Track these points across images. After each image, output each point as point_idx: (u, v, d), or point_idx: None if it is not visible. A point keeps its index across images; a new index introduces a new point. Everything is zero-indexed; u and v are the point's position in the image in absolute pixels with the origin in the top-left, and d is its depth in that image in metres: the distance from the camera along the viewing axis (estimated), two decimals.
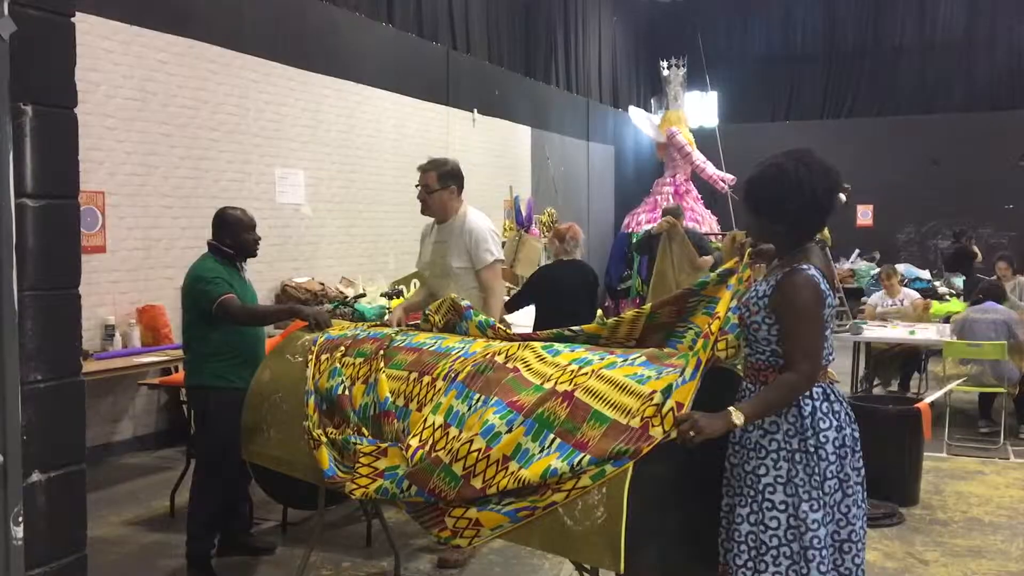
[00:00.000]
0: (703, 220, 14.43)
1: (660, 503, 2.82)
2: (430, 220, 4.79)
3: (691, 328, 3.18)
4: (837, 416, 2.75)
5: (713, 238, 13.54)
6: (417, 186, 4.69)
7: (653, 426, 2.70)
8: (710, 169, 14.91)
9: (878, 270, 12.22)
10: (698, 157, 14.80)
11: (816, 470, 2.69)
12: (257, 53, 7.44)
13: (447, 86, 10.13)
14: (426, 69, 9.84)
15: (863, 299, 10.98)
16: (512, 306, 5.69)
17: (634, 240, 11.54)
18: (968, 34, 16.23)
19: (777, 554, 2.67)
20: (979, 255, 13.26)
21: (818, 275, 2.72)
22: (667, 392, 2.77)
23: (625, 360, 2.99)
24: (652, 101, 16.93)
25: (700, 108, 16.73)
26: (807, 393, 2.74)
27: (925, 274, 14.55)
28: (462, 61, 10.56)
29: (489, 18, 11.32)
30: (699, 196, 15.06)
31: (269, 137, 7.58)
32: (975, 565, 4.39)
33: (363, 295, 7.61)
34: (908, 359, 8.28)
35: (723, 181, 14.87)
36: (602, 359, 3.04)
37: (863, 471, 2.79)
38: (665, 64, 15.40)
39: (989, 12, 16.00)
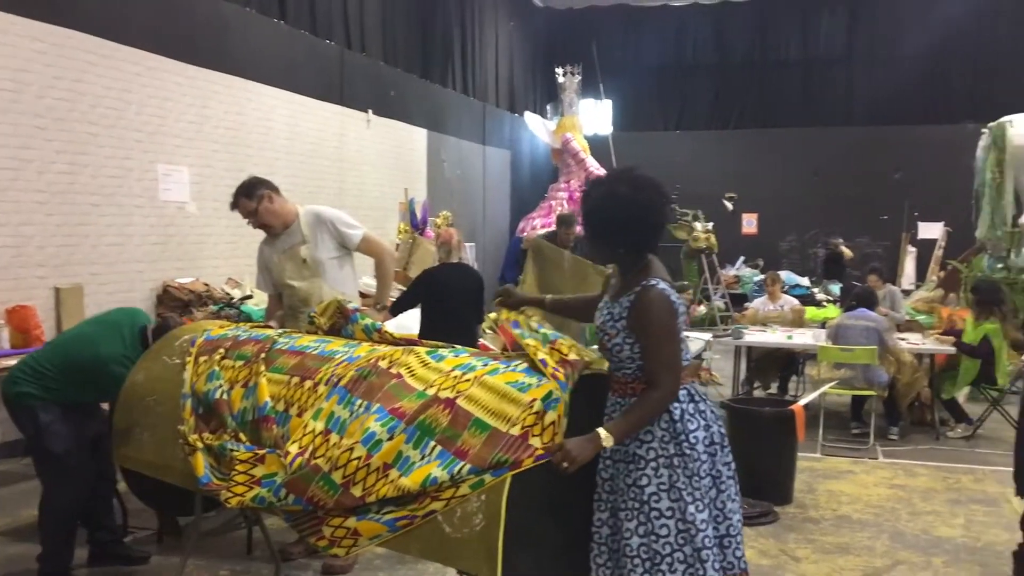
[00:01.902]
0: None
1: (538, 510, 2.84)
2: (262, 242, 4.79)
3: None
4: (703, 415, 2.82)
5: None
6: (248, 222, 4.66)
7: (533, 435, 2.73)
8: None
9: (762, 276, 12.69)
10: (592, 164, 15.03)
11: (693, 470, 2.74)
12: (140, 46, 7.18)
13: (341, 86, 10.00)
14: (319, 68, 9.69)
15: (746, 304, 11.37)
16: (397, 308, 5.65)
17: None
18: (849, 51, 17.00)
19: (672, 560, 2.69)
20: (848, 253, 13.85)
21: (667, 287, 2.77)
22: (547, 399, 2.80)
23: (508, 366, 3.00)
24: (548, 107, 17.12)
25: (595, 115, 17.00)
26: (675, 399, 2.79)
27: (805, 281, 15.17)
28: (357, 61, 10.45)
29: (385, 18, 11.24)
30: None
31: (152, 133, 7.33)
32: (843, 561, 4.58)
33: (250, 296, 7.45)
34: (787, 363, 8.60)
35: None
36: (485, 364, 3.05)
37: (733, 465, 2.86)
38: (561, 71, 15.60)
39: (868, 30, 16.79)
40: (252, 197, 4.58)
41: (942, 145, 14.67)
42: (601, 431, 2.65)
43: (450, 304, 5.77)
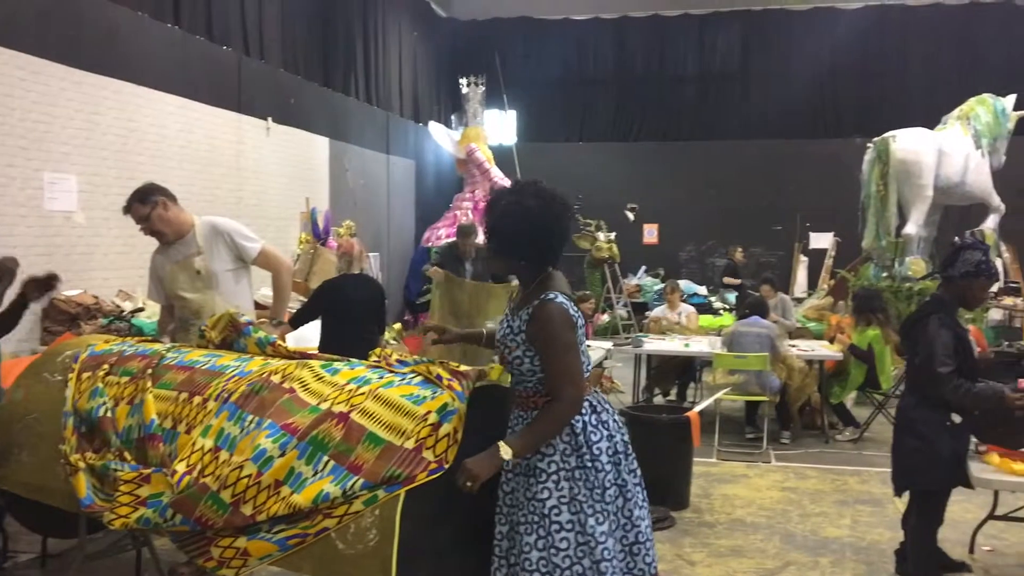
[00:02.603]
0: None
1: (433, 520, 2.83)
2: (155, 251, 4.68)
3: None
4: (606, 426, 2.84)
5: None
6: (140, 228, 4.54)
7: (427, 448, 2.73)
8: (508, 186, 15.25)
9: (662, 285, 12.97)
10: (497, 174, 15.10)
11: (596, 483, 2.76)
12: (23, 49, 6.88)
13: (239, 93, 9.79)
14: (216, 74, 9.46)
15: (647, 313, 11.60)
16: (297, 321, 5.56)
17: (433, 254, 11.60)
18: (743, 68, 17.54)
19: (571, 574, 2.70)
20: (742, 257, 14.25)
21: (565, 300, 2.77)
22: (443, 411, 2.80)
23: (403, 379, 2.99)
24: (453, 117, 17.13)
25: (499, 126, 17.09)
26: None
27: (702, 290, 15.56)
28: (255, 68, 10.25)
29: (284, 25, 11.06)
30: None
31: (37, 139, 7.02)
32: (736, 564, 4.71)
33: (141, 309, 7.21)
34: (684, 370, 8.79)
35: None
36: (381, 377, 3.04)
37: (639, 472, 2.89)
38: (465, 82, 15.63)
39: (762, 48, 17.37)
40: (146, 203, 4.47)
41: (832, 159, 15.26)
42: (502, 445, 2.64)
43: (351, 316, 5.71)
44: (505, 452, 2.63)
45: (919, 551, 4.17)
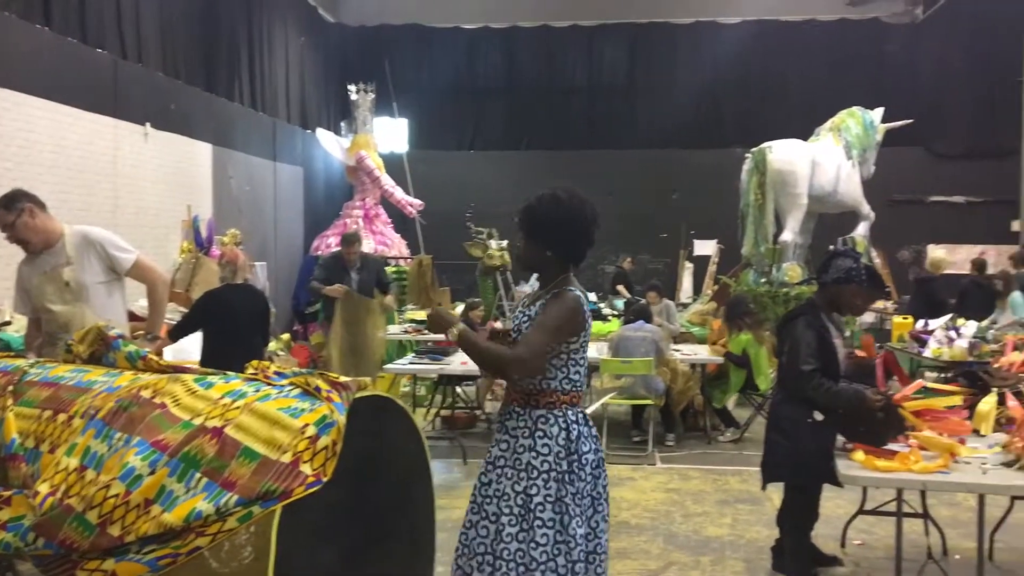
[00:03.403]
0: (392, 244, 14.63)
1: (312, 535, 2.79)
2: (22, 261, 4.50)
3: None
4: (594, 440, 2.99)
5: (401, 262, 13.79)
6: (6, 237, 4.39)
7: (304, 461, 2.67)
8: (399, 194, 15.16)
9: None
10: (387, 181, 14.99)
11: (580, 489, 2.88)
12: None
13: (115, 97, 9.42)
14: (90, 78, 9.08)
15: None
16: (177, 333, 5.39)
17: (316, 267, 11.42)
18: (630, 80, 17.94)
19: (546, 569, 2.80)
20: (630, 266, 14.54)
21: (582, 297, 2.95)
22: (321, 423, 2.76)
23: (280, 392, 2.93)
24: (342, 124, 16.92)
25: (390, 134, 16.97)
26: (574, 419, 2.93)
27: (592, 296, 15.79)
28: (132, 71, 9.88)
29: (163, 27, 10.70)
30: (389, 220, 15.24)
31: None
32: (620, 566, 4.79)
33: (8, 322, 6.85)
34: None
35: (411, 206, 15.17)
36: (257, 391, 2.96)
37: (607, 487, 3.03)
38: (354, 88, 15.46)
39: (648, 60, 17.80)
40: (11, 210, 4.29)
41: (714, 168, 15.70)
42: (457, 326, 2.85)
43: (234, 327, 5.57)
44: (452, 334, 2.85)
45: (793, 547, 4.34)
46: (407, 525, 3.14)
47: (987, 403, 4.34)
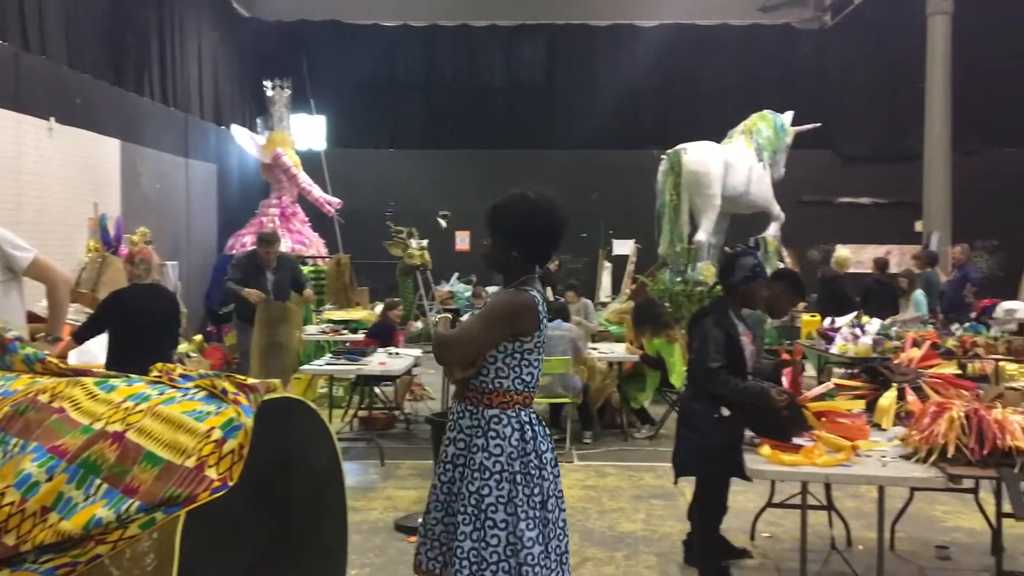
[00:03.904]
0: (310, 243, 14.43)
1: (218, 541, 2.72)
2: None
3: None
4: (549, 439, 3.00)
5: (319, 261, 13.62)
6: None
7: (209, 466, 2.61)
8: (316, 192, 14.97)
9: None
10: (304, 179, 14.78)
11: (538, 490, 2.87)
12: None
13: (16, 91, 9.06)
14: None
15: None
16: (81, 335, 5.22)
17: (230, 267, 11.19)
18: (549, 80, 18.07)
19: (496, 569, 2.80)
20: (557, 267, 14.66)
21: (538, 299, 2.91)
22: (227, 427, 2.70)
23: (185, 395, 2.86)
24: (258, 121, 16.61)
25: (307, 131, 16.74)
26: (527, 419, 2.92)
27: None
28: (35, 64, 9.53)
29: (68, 19, 10.34)
30: (306, 219, 15.03)
31: None
32: None
33: None
34: None
35: (329, 204, 14.99)
36: (161, 393, 2.88)
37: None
38: (269, 84, 15.20)
39: (567, 61, 17.97)
40: None
41: (632, 169, 15.92)
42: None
43: (141, 329, 5.42)
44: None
45: (703, 540, 4.43)
46: (318, 528, 3.09)
47: (887, 398, 4.50)
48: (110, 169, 11.12)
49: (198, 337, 11.32)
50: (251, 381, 2.86)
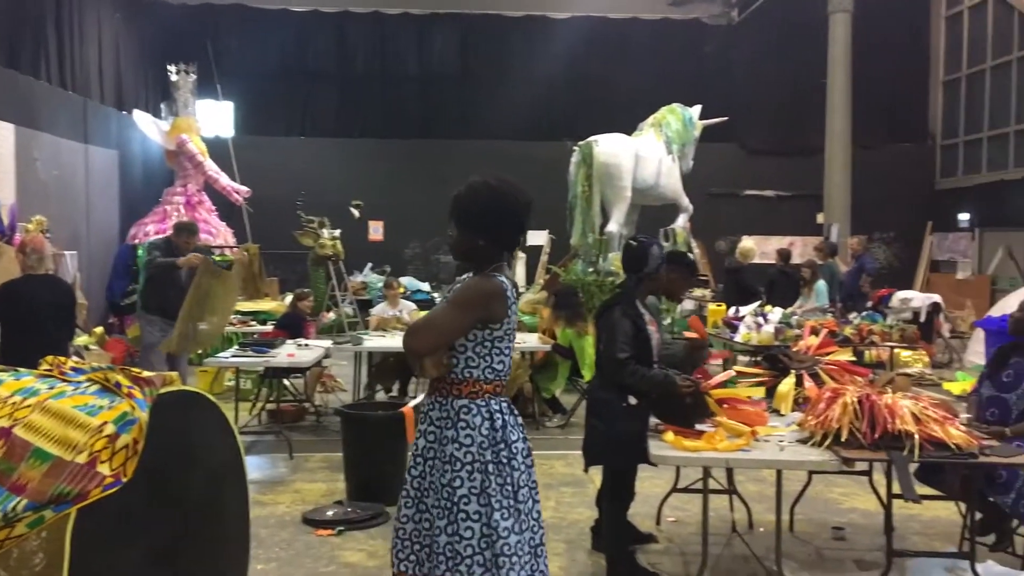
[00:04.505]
0: (217, 233, 14.06)
1: (111, 539, 2.64)
2: None
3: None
4: (521, 428, 2.96)
5: (227, 251, 13.30)
6: None
7: (101, 461, 2.53)
8: (224, 180, 14.61)
9: None
10: (211, 167, 14.40)
11: (509, 480, 2.83)
12: None
13: None
14: None
15: (370, 310, 11.59)
16: None
17: (140, 252, 10.85)
18: (463, 69, 18.01)
19: (471, 563, 2.76)
20: None
21: (507, 284, 2.87)
22: (121, 421, 2.62)
23: (77, 389, 2.76)
24: (162, 106, 16.09)
25: (214, 117, 16.31)
26: (498, 408, 2.88)
27: (426, 286, 15.81)
28: None
29: None
30: (213, 208, 14.65)
31: None
32: None
33: None
34: (406, 366, 8.87)
35: (237, 193, 14.66)
36: (51, 387, 2.78)
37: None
38: (174, 69, 14.74)
39: (480, 51, 17.93)
40: None
41: (546, 160, 15.96)
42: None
43: (34, 321, 5.23)
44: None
45: (610, 526, 4.50)
46: (219, 524, 3.03)
47: (786, 384, 4.66)
48: (3, 154, 10.63)
49: (99, 329, 10.95)
50: (146, 374, 2.78)
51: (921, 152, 18.32)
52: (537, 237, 16.16)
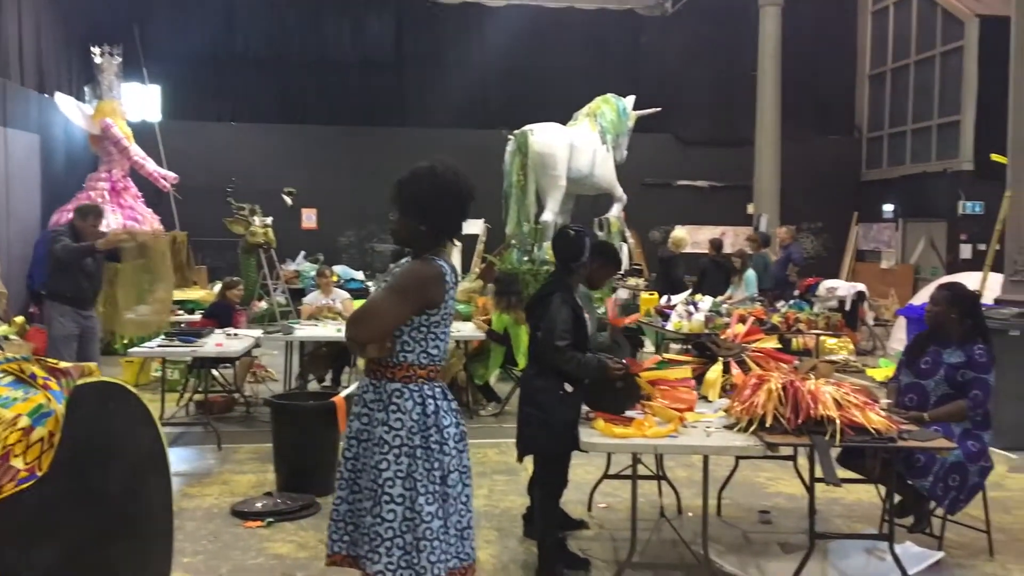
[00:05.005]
0: (143, 219, 13.71)
1: (27, 535, 2.56)
2: None
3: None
4: (455, 413, 2.98)
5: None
6: None
7: (15, 455, 2.46)
8: (150, 166, 14.23)
9: None
10: (137, 152, 14.02)
11: (438, 465, 2.85)
12: None
13: None
14: None
15: (303, 299, 11.45)
16: None
17: (56, 239, 10.50)
18: (399, 56, 17.85)
19: (391, 545, 2.79)
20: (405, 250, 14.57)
21: (446, 268, 2.88)
22: (36, 414, 2.54)
23: None
24: (86, 89, 15.62)
25: (141, 101, 15.88)
26: (431, 393, 2.90)
27: (360, 275, 15.67)
28: None
29: None
30: (139, 194, 14.26)
31: None
32: None
33: None
34: (338, 355, 8.80)
35: (165, 179, 14.31)
36: None
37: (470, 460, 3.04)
38: (98, 51, 14.29)
39: (416, 38, 17.81)
40: None
41: (481, 149, 15.90)
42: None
43: None
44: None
45: (543, 513, 4.52)
46: (140, 517, 2.96)
47: (714, 371, 4.73)
48: None
49: (19, 319, 10.58)
50: (63, 365, 2.71)
51: (847, 144, 18.78)
52: (473, 226, 16.13)
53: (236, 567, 4.45)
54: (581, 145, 11.52)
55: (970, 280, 7.61)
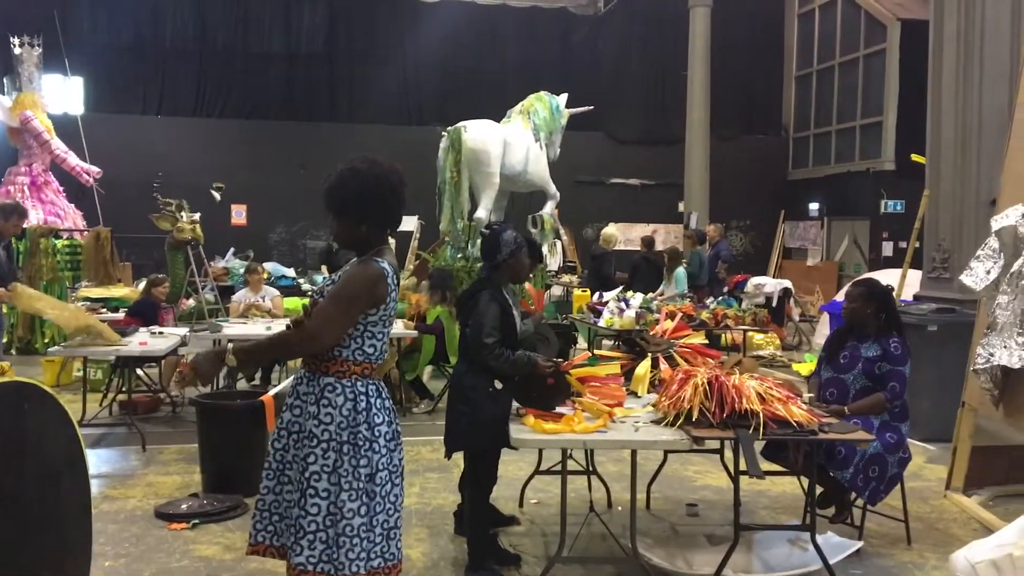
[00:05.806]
0: (65, 215, 13.34)
1: None
2: None
3: None
4: (388, 412, 2.94)
5: (76, 234, 12.63)
6: None
7: None
8: (72, 160, 13.84)
9: None
10: (58, 146, 13.62)
11: (366, 462, 2.82)
12: None
13: None
14: None
15: (232, 297, 11.25)
16: None
17: None
18: (330, 50, 17.65)
19: (314, 539, 2.78)
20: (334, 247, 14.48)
21: (389, 269, 2.84)
22: None
23: None
24: (4, 80, 15.12)
25: (63, 93, 15.42)
26: (363, 390, 2.85)
27: (291, 272, 15.47)
28: None
29: None
30: (61, 189, 13.88)
31: None
32: None
33: None
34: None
35: (88, 173, 13.92)
36: None
37: (402, 460, 3.01)
38: (17, 41, 13.83)
39: (348, 32, 17.61)
40: None
41: (416, 145, 15.88)
42: (229, 350, 2.76)
43: None
44: (230, 359, 2.77)
45: (473, 510, 4.52)
46: (55, 521, 2.87)
47: (643, 367, 4.78)
48: None
49: None
50: None
51: (775, 144, 19.20)
52: (407, 223, 15.96)
53: (160, 570, 4.36)
54: (515, 142, 11.52)
55: (889, 277, 7.84)
